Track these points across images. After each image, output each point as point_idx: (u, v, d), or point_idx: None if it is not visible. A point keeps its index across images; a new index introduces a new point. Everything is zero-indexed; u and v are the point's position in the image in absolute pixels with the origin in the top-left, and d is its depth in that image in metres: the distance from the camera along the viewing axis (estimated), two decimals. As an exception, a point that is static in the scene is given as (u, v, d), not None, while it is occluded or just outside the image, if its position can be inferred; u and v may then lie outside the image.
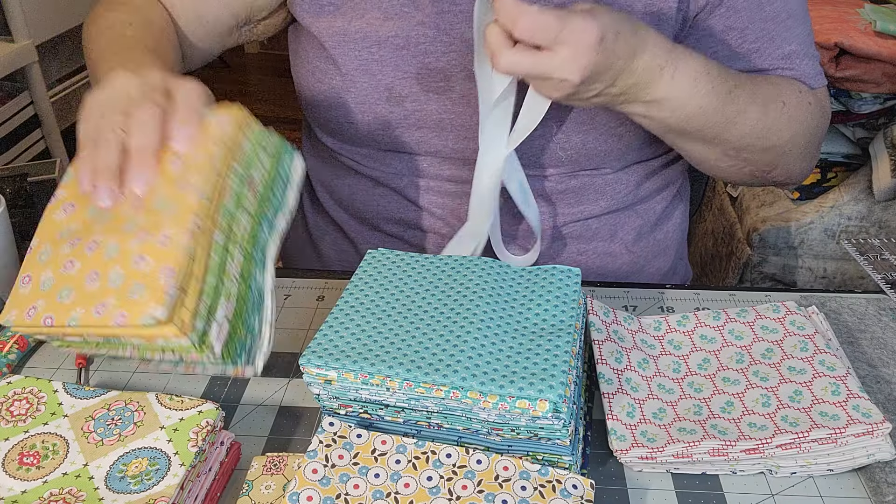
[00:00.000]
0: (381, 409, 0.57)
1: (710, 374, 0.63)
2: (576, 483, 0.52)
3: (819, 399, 0.58)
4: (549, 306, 0.60)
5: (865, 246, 0.79)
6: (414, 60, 0.76)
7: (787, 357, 0.62)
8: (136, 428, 0.55)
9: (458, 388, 0.53)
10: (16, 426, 0.55)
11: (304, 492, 0.51)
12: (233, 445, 0.58)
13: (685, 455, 0.55)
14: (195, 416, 0.55)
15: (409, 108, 0.78)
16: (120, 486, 0.51)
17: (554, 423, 0.52)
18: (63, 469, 0.53)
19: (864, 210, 1.49)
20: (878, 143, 1.46)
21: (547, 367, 0.53)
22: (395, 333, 0.58)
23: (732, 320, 0.66)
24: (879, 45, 1.40)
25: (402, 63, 0.76)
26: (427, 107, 0.77)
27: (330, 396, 0.58)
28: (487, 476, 0.52)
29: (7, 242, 0.71)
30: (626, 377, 0.61)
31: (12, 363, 0.67)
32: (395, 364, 0.55)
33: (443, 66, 0.76)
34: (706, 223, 1.86)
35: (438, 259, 0.66)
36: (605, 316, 0.66)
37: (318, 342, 0.58)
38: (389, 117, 0.78)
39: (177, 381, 0.67)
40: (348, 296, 0.62)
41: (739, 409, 0.59)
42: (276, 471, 0.55)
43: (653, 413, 0.59)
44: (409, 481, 0.52)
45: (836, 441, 0.55)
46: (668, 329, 0.67)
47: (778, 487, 0.56)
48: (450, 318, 0.59)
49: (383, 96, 0.78)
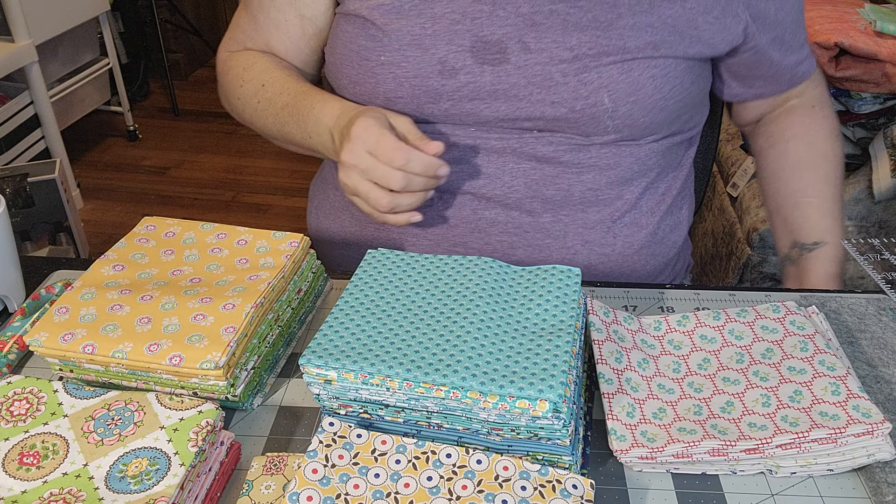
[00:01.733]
0: (381, 409, 0.57)
1: (710, 374, 0.63)
2: (576, 483, 0.52)
3: (819, 399, 0.58)
4: (549, 306, 0.60)
5: (865, 246, 0.79)
6: (468, 34, 0.78)
7: (787, 357, 0.62)
8: (136, 428, 0.55)
9: (458, 388, 0.53)
10: (16, 426, 0.55)
11: (304, 492, 0.51)
12: (233, 445, 0.58)
13: (685, 455, 0.55)
14: (195, 417, 0.55)
15: (462, 81, 0.79)
16: (120, 486, 0.51)
17: (554, 423, 0.52)
18: (63, 469, 0.53)
19: (864, 210, 1.49)
20: (878, 143, 1.46)
21: (547, 367, 0.53)
22: (395, 333, 0.58)
23: (732, 320, 0.66)
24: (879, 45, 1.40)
25: (455, 37, 0.78)
26: (482, 79, 0.79)
27: (330, 396, 0.58)
28: (487, 476, 0.52)
29: (7, 242, 0.71)
30: (626, 377, 0.61)
31: (12, 363, 0.67)
32: (395, 364, 0.55)
33: (498, 38, 0.78)
34: (706, 223, 1.86)
35: (438, 259, 0.66)
36: (605, 316, 0.66)
37: (318, 342, 0.58)
38: (441, 90, 0.80)
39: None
40: (348, 296, 0.62)
41: (739, 409, 0.59)
42: (276, 471, 0.55)
43: (653, 413, 0.59)
44: (409, 481, 0.52)
45: (836, 441, 0.55)
46: (668, 329, 0.67)
47: (778, 487, 0.56)
48: (450, 318, 0.59)
49: (435, 69, 0.79)
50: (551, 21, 0.78)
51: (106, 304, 0.63)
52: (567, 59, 0.78)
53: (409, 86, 0.80)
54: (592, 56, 0.77)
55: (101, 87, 2.78)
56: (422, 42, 0.79)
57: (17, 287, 0.75)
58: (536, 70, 0.78)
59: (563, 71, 0.78)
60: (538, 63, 0.78)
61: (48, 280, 0.79)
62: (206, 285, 0.66)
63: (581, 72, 0.77)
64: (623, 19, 0.77)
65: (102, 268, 0.68)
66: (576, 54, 0.77)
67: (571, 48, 0.77)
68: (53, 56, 2.47)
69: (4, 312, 0.75)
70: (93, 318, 0.62)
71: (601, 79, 0.78)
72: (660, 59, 0.79)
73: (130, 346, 0.59)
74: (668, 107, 0.81)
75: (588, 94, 0.78)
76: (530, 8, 0.78)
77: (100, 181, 2.72)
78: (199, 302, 0.63)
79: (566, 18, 0.77)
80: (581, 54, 0.77)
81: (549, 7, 0.78)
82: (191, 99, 3.29)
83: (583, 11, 0.77)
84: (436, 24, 0.79)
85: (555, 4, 0.77)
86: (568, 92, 0.78)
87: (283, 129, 0.86)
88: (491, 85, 0.79)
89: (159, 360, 0.58)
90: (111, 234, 2.38)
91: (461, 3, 0.78)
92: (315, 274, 0.73)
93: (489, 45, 0.79)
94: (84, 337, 0.60)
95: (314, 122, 0.82)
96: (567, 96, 0.78)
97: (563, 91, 0.78)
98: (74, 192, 2.52)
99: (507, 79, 0.79)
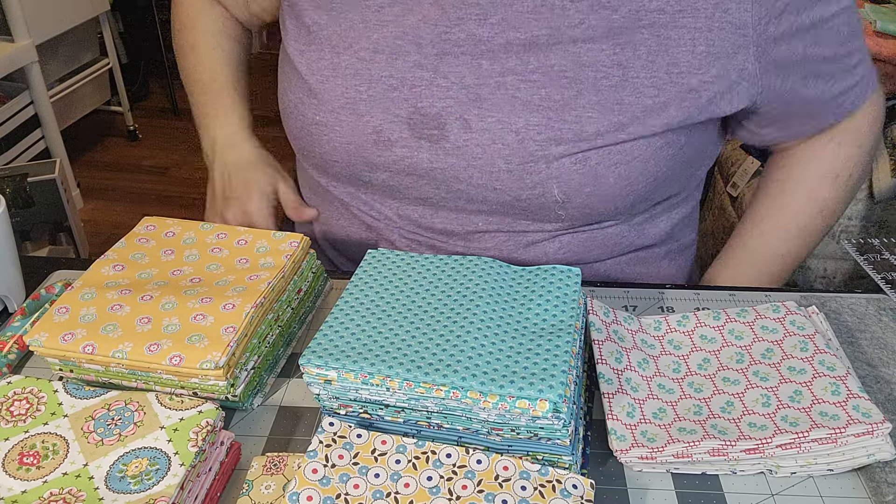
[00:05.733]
0: (381, 409, 0.57)
1: (710, 374, 0.63)
2: (576, 483, 0.52)
3: (819, 399, 0.58)
4: (549, 306, 0.60)
5: (865, 246, 0.79)
6: (406, 104, 0.71)
7: (787, 357, 0.62)
8: (136, 428, 0.55)
9: (458, 388, 0.53)
10: (16, 426, 0.55)
11: (304, 492, 0.51)
12: (233, 445, 0.58)
13: (685, 455, 0.55)
14: (195, 416, 0.55)
15: (398, 154, 0.73)
16: (120, 486, 0.51)
17: (554, 423, 0.52)
18: (63, 469, 0.53)
19: (864, 210, 1.49)
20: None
21: (547, 367, 0.53)
22: (395, 333, 0.58)
23: (732, 320, 0.66)
24: (879, 45, 1.40)
25: (392, 105, 0.72)
26: (418, 154, 0.73)
27: (330, 396, 0.58)
28: (487, 476, 0.52)
29: (7, 242, 0.71)
30: (626, 377, 0.61)
31: (12, 363, 0.67)
32: (395, 364, 0.55)
33: (437, 111, 0.71)
34: (706, 223, 1.86)
35: (438, 259, 0.66)
36: (605, 316, 0.66)
37: (318, 342, 0.58)
38: (377, 161, 0.74)
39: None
40: (348, 296, 0.62)
41: (739, 409, 0.59)
42: (276, 471, 0.55)
43: (653, 413, 0.59)
44: (409, 481, 0.52)
45: (836, 441, 0.55)
46: (668, 329, 0.67)
47: (778, 487, 0.56)
48: (450, 318, 0.59)
49: (370, 138, 0.73)
50: (497, 96, 0.69)
51: (106, 304, 0.63)
52: (511, 144, 0.69)
53: (343, 151, 0.75)
54: (539, 143, 0.68)
55: (101, 87, 2.78)
56: (356, 107, 0.72)
57: (17, 287, 0.75)
58: (477, 153, 0.70)
59: (505, 158, 0.69)
60: (478, 145, 0.70)
61: (48, 280, 0.79)
62: (206, 285, 0.66)
63: (526, 161, 0.68)
64: (583, 97, 0.67)
65: (102, 268, 0.68)
66: (521, 138, 0.68)
67: (517, 131, 0.68)
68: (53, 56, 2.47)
69: (4, 312, 0.75)
70: (93, 318, 0.62)
71: (549, 170, 0.69)
72: (627, 144, 0.68)
73: (130, 346, 0.59)
74: (637, 190, 0.72)
75: (534, 184, 0.70)
76: (475, 79, 0.69)
77: (100, 181, 2.72)
78: (199, 302, 0.63)
79: (514, 94, 0.68)
80: (527, 139, 0.68)
81: (497, 79, 0.69)
82: (191, 99, 3.28)
83: (535, 87, 0.68)
84: (371, 89, 0.72)
85: (504, 77, 0.68)
86: (512, 181, 0.70)
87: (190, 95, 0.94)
88: (428, 163, 0.72)
89: (159, 360, 0.58)
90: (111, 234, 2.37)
91: (401, 66, 0.71)
92: (315, 274, 0.73)
93: (427, 119, 0.71)
94: (84, 337, 0.60)
95: (207, 122, 0.90)
96: (511, 185, 0.70)
97: (505, 179, 0.70)
98: (74, 192, 2.51)
99: (445, 158, 0.72)
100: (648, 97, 0.67)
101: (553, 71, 0.68)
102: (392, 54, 0.71)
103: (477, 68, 0.70)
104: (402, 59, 0.71)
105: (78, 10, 2.44)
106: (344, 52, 0.73)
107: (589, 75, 0.67)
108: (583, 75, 0.67)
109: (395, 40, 0.71)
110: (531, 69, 0.68)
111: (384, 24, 0.72)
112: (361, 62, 0.72)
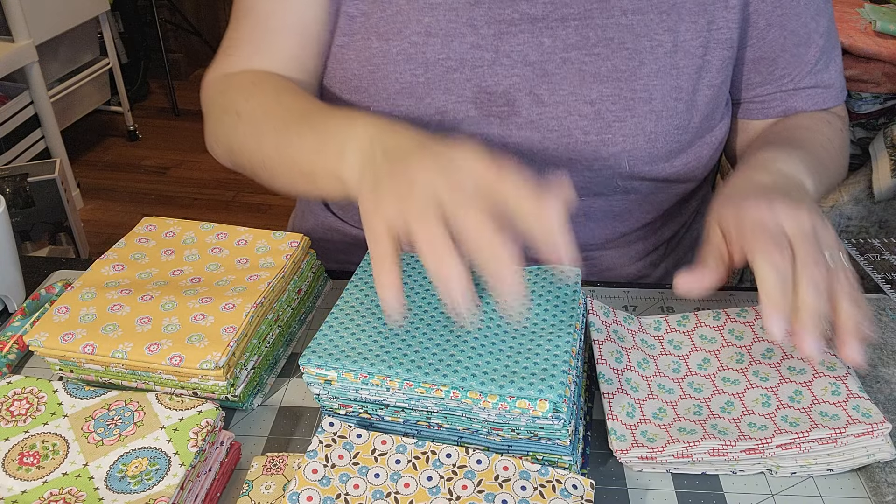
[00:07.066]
0: (381, 409, 0.57)
1: (710, 374, 0.63)
2: (576, 483, 0.52)
3: (819, 399, 0.58)
4: (549, 306, 0.60)
5: (865, 246, 0.79)
6: (469, 84, 0.71)
7: (787, 357, 0.62)
8: (136, 428, 0.55)
9: (458, 388, 0.53)
10: (16, 426, 0.55)
11: (304, 492, 0.51)
12: (233, 445, 0.58)
13: (685, 455, 0.55)
14: (195, 416, 0.55)
15: (466, 132, 0.73)
16: (120, 486, 0.51)
17: (554, 423, 0.52)
18: (63, 469, 0.53)
19: (864, 210, 1.49)
20: (877, 143, 1.46)
21: (547, 367, 0.53)
22: (395, 333, 0.58)
23: (732, 320, 0.66)
24: (879, 45, 1.40)
25: (454, 86, 0.72)
26: (489, 131, 0.72)
27: (330, 396, 0.58)
28: (487, 476, 0.52)
29: (7, 242, 0.71)
30: (626, 377, 0.61)
31: (12, 363, 0.67)
32: (395, 364, 0.55)
33: (504, 89, 0.71)
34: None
35: (438, 259, 0.66)
36: (605, 316, 0.66)
37: (317, 342, 0.58)
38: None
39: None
40: (348, 296, 0.62)
41: (739, 409, 0.59)
42: (276, 471, 0.55)
43: (653, 413, 0.59)
44: (409, 481, 0.52)
45: (836, 441, 0.55)
46: (668, 329, 0.67)
47: (778, 487, 0.56)
48: (450, 318, 0.59)
49: (434, 119, 0.72)
50: (565, 70, 0.70)
51: (106, 304, 0.63)
52: (587, 115, 0.70)
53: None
54: (615, 112, 0.69)
55: (101, 87, 2.78)
56: (414, 91, 0.72)
57: (17, 287, 0.75)
58: (552, 125, 0.71)
59: (582, 128, 0.70)
60: (553, 118, 0.70)
61: (48, 280, 0.79)
62: (206, 285, 0.66)
63: (603, 131, 0.70)
64: (645, 66, 0.69)
65: (102, 268, 0.68)
66: (596, 109, 0.70)
67: (592, 102, 0.70)
68: (53, 56, 2.47)
69: (4, 312, 0.75)
70: (93, 318, 0.62)
71: (625, 142, 0.70)
72: (679, 103, 0.71)
73: (130, 346, 0.59)
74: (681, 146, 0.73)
75: (608, 156, 0.71)
76: (539, 56, 0.70)
77: (100, 181, 2.72)
78: (199, 302, 0.63)
79: (581, 68, 0.70)
80: (602, 109, 0.70)
81: (562, 55, 0.70)
82: (191, 99, 3.28)
83: (600, 60, 0.69)
84: (429, 72, 0.71)
85: (568, 52, 0.70)
86: (588, 151, 0.71)
87: (285, 149, 0.69)
88: (500, 138, 0.72)
89: (159, 360, 0.59)
90: (111, 234, 2.37)
91: (457, 48, 0.70)
92: (315, 274, 0.73)
93: (494, 97, 0.71)
94: (84, 337, 0.60)
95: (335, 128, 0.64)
96: (587, 155, 0.71)
97: (582, 149, 0.71)
98: (74, 192, 2.52)
99: (517, 132, 0.72)
100: (698, 57, 0.70)
101: (614, 43, 0.70)
102: (447, 37, 0.71)
103: (539, 46, 0.70)
104: (459, 40, 0.71)
105: (78, 10, 2.44)
106: (394, 38, 0.72)
107: (645, 45, 0.69)
108: (640, 45, 0.69)
109: (449, 23, 0.71)
110: (592, 43, 0.70)
111: (434, 6, 0.71)
112: (414, 47, 0.71)
